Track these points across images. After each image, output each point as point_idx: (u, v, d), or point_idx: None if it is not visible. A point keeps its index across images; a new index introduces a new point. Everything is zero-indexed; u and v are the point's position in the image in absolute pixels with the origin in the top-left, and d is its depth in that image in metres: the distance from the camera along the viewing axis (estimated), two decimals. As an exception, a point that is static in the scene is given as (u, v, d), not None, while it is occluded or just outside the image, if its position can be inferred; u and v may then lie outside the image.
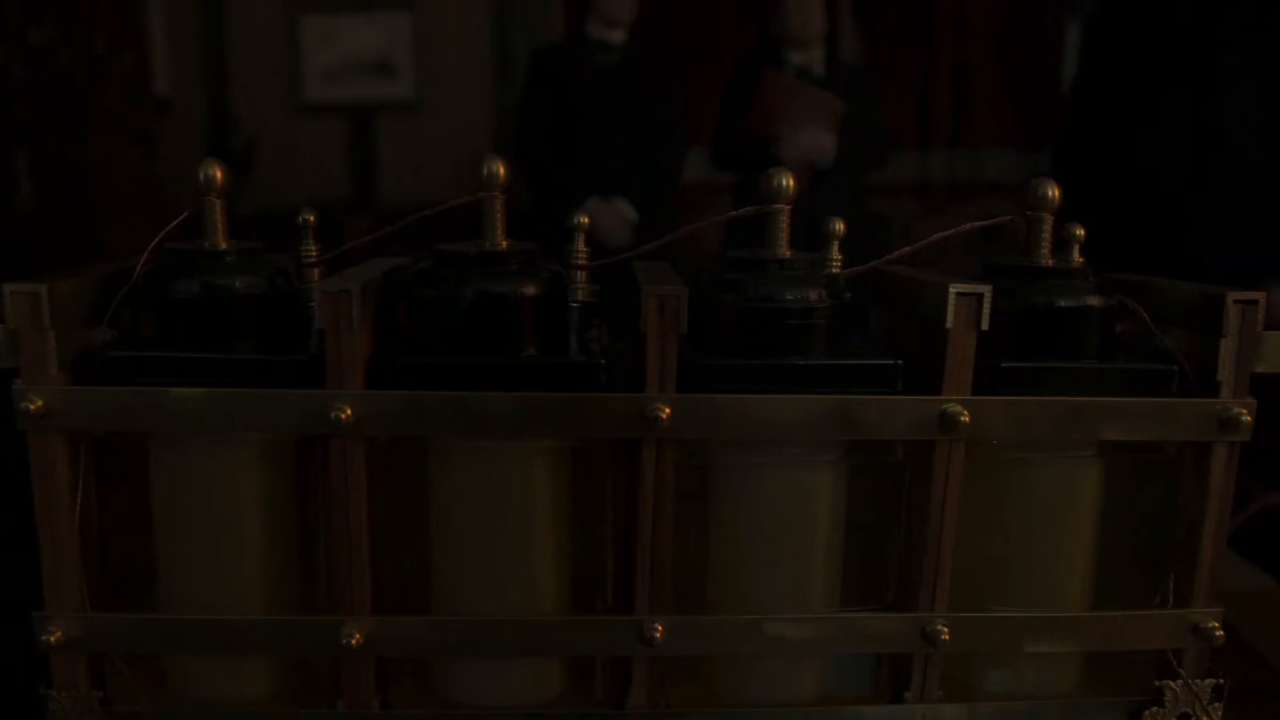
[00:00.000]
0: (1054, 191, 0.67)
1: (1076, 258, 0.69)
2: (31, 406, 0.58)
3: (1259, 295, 0.62)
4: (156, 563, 0.64)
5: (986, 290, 0.62)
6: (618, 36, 2.97)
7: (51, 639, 0.62)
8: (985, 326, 0.62)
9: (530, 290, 0.64)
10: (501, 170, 0.66)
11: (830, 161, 2.85)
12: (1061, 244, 0.70)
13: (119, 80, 2.26)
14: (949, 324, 0.62)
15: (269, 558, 0.65)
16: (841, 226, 0.73)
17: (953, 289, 0.62)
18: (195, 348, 0.62)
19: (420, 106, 4.26)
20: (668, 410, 0.61)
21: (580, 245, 0.73)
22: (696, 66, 3.75)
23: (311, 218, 0.71)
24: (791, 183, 0.67)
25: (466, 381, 0.62)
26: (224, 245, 0.64)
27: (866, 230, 3.40)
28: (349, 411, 0.60)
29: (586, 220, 0.74)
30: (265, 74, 4.07)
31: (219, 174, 0.64)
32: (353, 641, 0.62)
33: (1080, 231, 0.71)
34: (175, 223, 0.65)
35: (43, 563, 0.62)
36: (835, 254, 0.72)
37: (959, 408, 0.62)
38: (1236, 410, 0.63)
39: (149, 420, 0.60)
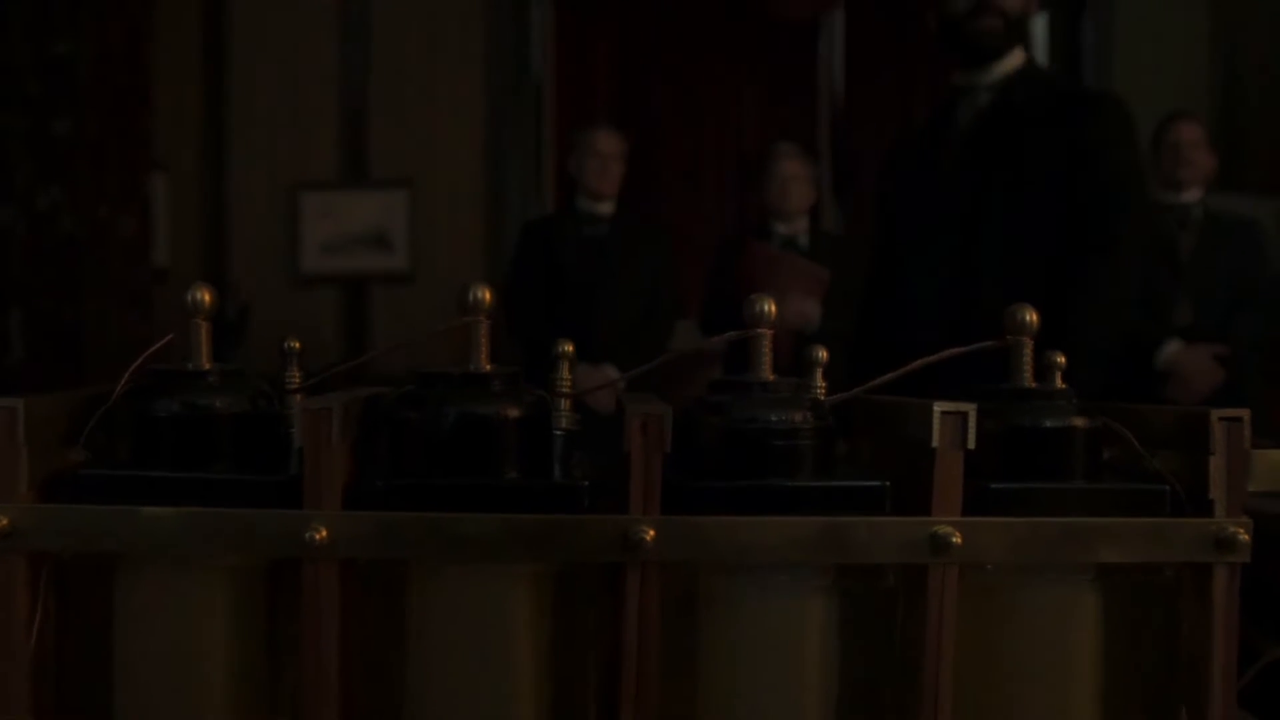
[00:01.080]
0: (1032, 316, 0.68)
1: (1058, 383, 0.69)
2: (-4, 525, 0.57)
3: (1243, 412, 0.62)
4: (114, 697, 0.61)
5: (972, 409, 0.62)
6: (605, 209, 3.08)
7: (-5, 780, 0.58)
8: (972, 445, 0.62)
9: (513, 412, 0.64)
10: (486, 296, 0.66)
11: (817, 328, 2.90)
12: (1042, 371, 0.71)
13: (119, 246, 2.32)
14: (935, 443, 0.62)
15: (235, 691, 0.61)
16: (824, 354, 0.74)
17: (938, 408, 0.62)
18: (172, 468, 0.61)
19: (414, 277, 4.35)
20: (652, 532, 0.60)
21: (565, 373, 0.73)
22: (684, 237, 3.87)
23: (296, 344, 0.71)
24: (773, 308, 0.67)
25: (447, 503, 0.61)
26: (208, 366, 0.64)
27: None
28: (324, 533, 0.58)
29: (571, 348, 0.74)
30: (263, 245, 4.18)
31: (206, 297, 0.65)
32: (318, 782, 0.58)
33: (1061, 359, 0.71)
34: (159, 345, 0.65)
35: (-8, 692, 0.59)
36: (819, 380, 0.73)
37: (950, 529, 0.61)
38: (1233, 529, 0.62)
39: (118, 541, 0.58)
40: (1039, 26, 4.15)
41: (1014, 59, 1.76)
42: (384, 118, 4.25)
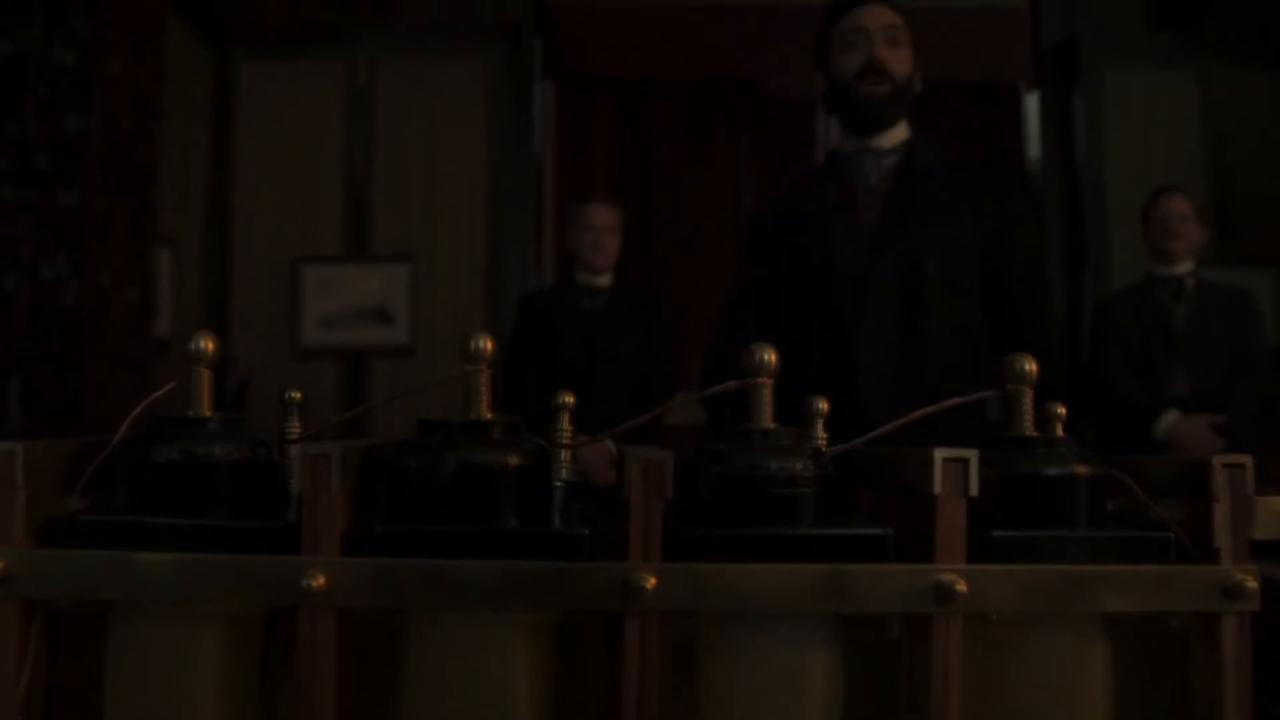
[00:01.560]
0: (1031, 366, 0.68)
1: (1059, 432, 0.69)
2: (-9, 571, 0.56)
3: (1245, 458, 0.62)
4: (103, 749, 0.60)
5: (973, 455, 0.62)
6: (602, 281, 3.10)
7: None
8: (974, 492, 0.62)
9: (513, 460, 0.63)
10: (488, 345, 0.67)
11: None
12: (1042, 422, 0.71)
13: (122, 316, 2.33)
14: (937, 490, 0.61)
15: (226, 745, 0.60)
16: (825, 405, 0.74)
17: (939, 454, 0.62)
18: (169, 514, 0.60)
19: (414, 350, 4.37)
20: (653, 579, 0.59)
21: (565, 424, 0.73)
22: (683, 309, 3.90)
23: (297, 395, 0.72)
24: (774, 358, 0.68)
25: (446, 550, 0.60)
26: (208, 414, 0.64)
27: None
28: (322, 579, 0.58)
29: (571, 399, 0.74)
30: (264, 318, 4.20)
31: (209, 345, 0.65)
32: (309, 839, 0.57)
33: (1061, 410, 0.71)
34: (160, 393, 0.65)
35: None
36: (820, 432, 0.73)
37: (955, 576, 0.60)
38: (1240, 576, 0.61)
39: (114, 587, 0.58)
40: (1031, 104, 4.25)
41: (902, 130, 1.75)
42: (387, 194, 4.31)
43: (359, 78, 4.32)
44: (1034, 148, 4.29)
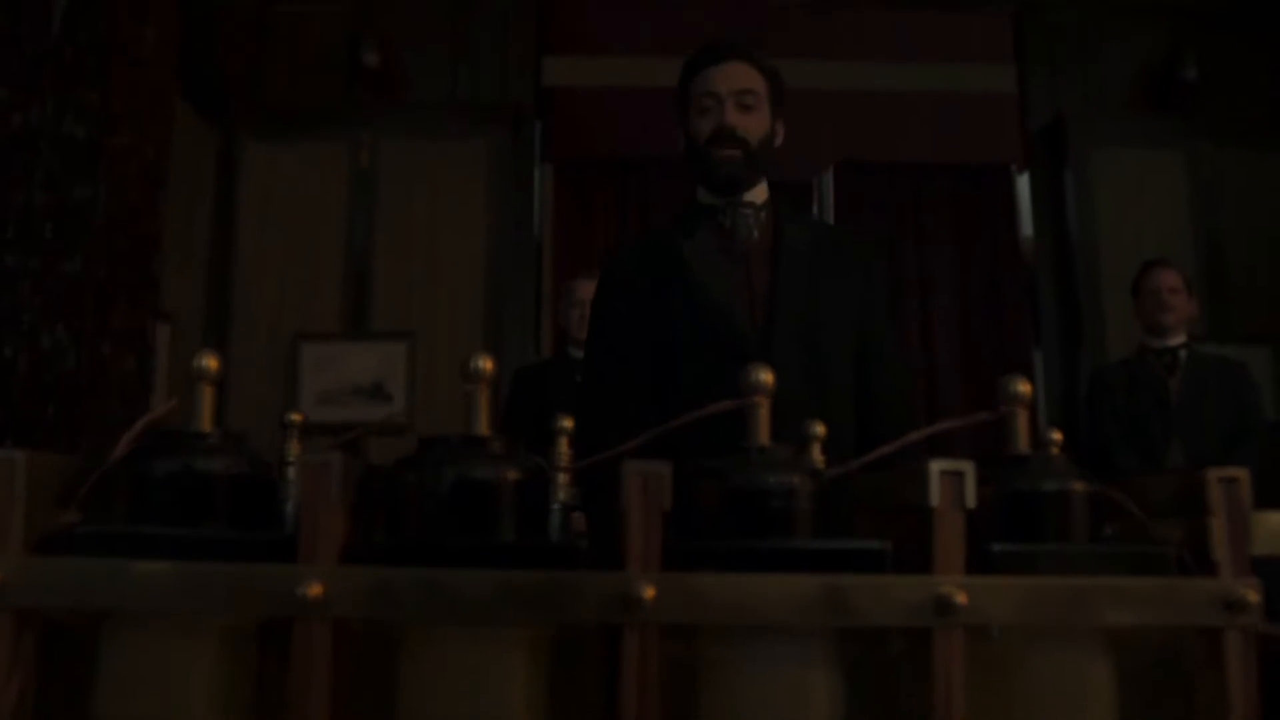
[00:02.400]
0: (1025, 388, 0.69)
1: (1054, 453, 0.69)
2: (-14, 579, 0.56)
3: (1241, 472, 0.63)
4: (91, 766, 0.58)
5: (969, 467, 0.62)
6: (595, 357, 3.12)
7: None
8: (971, 504, 0.62)
9: (512, 475, 0.64)
10: (487, 365, 0.68)
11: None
12: (1039, 446, 0.71)
13: (119, 385, 2.33)
14: (935, 502, 0.61)
15: (216, 762, 0.59)
16: (822, 429, 0.74)
17: (935, 466, 0.62)
18: (166, 525, 0.60)
19: (411, 427, 4.36)
20: (652, 590, 0.59)
21: (564, 448, 0.73)
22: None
23: (297, 418, 0.72)
24: (770, 378, 0.68)
25: (444, 562, 0.60)
26: (208, 429, 0.64)
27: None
28: (318, 588, 0.57)
29: (570, 424, 0.74)
30: (262, 394, 4.20)
31: (213, 364, 0.66)
32: None
33: (1058, 435, 0.72)
34: (160, 411, 0.66)
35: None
36: (817, 454, 0.73)
37: (954, 588, 0.60)
38: (1241, 590, 0.61)
39: (110, 596, 0.57)
40: (1023, 183, 4.32)
41: (762, 190, 1.71)
42: (387, 272, 4.35)
43: (361, 158, 4.40)
44: (1027, 226, 4.36)
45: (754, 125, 1.69)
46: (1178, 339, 3.02)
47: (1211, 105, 4.26)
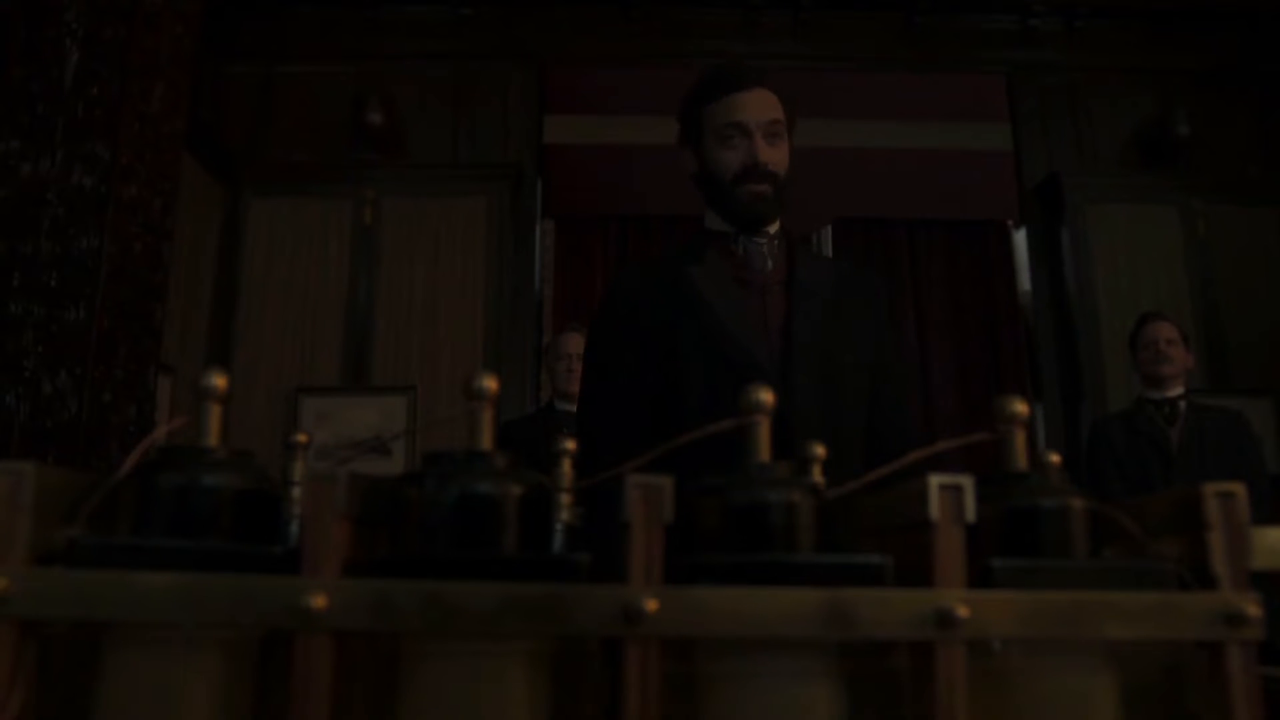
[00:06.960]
0: (1022, 407, 0.70)
1: (1052, 470, 0.70)
2: (-9, 589, 0.56)
3: (1237, 487, 0.63)
4: (90, 780, 0.58)
5: (967, 481, 0.62)
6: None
7: None
8: (971, 519, 0.62)
9: (515, 491, 0.64)
10: (491, 385, 0.68)
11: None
12: (1037, 466, 0.72)
13: (118, 434, 2.34)
14: (934, 516, 0.62)
15: (215, 777, 0.58)
16: (821, 450, 0.75)
17: (934, 480, 0.62)
18: (170, 538, 0.61)
19: (410, 481, 4.34)
20: (654, 603, 0.59)
21: (566, 468, 0.74)
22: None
23: (303, 438, 0.72)
24: (770, 398, 0.69)
25: (446, 575, 0.60)
26: (215, 445, 0.65)
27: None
28: (321, 601, 0.58)
29: (572, 445, 0.75)
30: (261, 448, 4.20)
31: (221, 382, 0.67)
32: None
33: (1056, 458, 0.72)
34: (169, 426, 0.67)
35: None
36: (817, 475, 0.73)
37: (956, 601, 0.60)
38: (1241, 603, 0.61)
39: (112, 607, 0.57)
40: (1019, 238, 4.37)
41: (775, 223, 1.67)
42: (387, 326, 4.37)
43: (364, 215, 4.45)
44: (1025, 280, 4.40)
45: (781, 158, 1.66)
46: (1176, 390, 3.03)
47: (1203, 161, 4.33)
